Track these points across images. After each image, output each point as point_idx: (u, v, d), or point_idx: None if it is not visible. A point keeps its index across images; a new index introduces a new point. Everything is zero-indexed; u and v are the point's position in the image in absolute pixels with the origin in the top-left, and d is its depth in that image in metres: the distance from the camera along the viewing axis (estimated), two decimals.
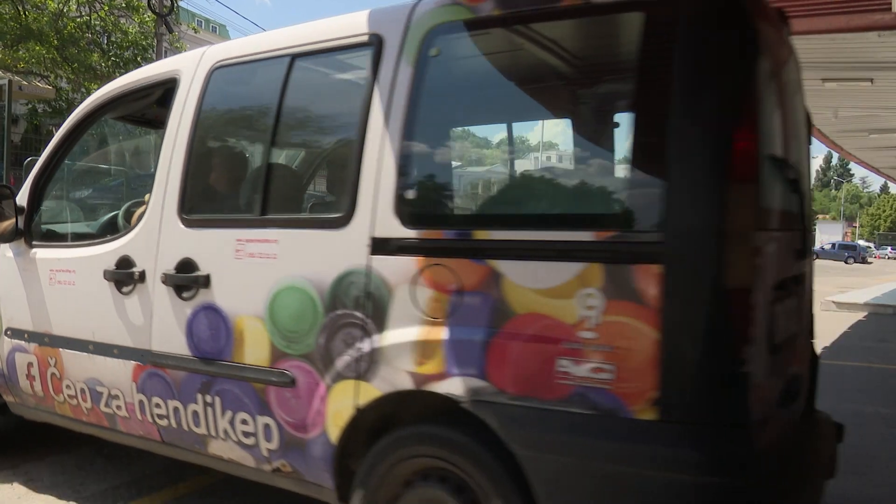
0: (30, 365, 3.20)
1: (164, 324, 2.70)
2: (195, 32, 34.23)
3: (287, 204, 2.74)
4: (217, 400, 2.57)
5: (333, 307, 2.28)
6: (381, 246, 2.20)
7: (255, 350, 2.46)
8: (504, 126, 2.92)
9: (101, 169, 4.88)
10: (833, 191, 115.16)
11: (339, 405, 2.26)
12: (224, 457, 2.66)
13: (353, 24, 2.45)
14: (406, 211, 2.19)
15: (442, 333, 2.07)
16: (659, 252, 1.78)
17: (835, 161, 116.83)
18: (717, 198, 1.77)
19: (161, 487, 3.30)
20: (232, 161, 2.95)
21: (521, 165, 2.49)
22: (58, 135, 3.32)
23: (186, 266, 2.63)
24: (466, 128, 2.77)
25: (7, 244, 3.26)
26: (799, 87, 2.70)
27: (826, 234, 68.34)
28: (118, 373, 2.84)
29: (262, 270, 2.45)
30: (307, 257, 2.37)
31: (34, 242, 3.23)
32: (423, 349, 2.09)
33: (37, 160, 3.42)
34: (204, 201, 2.84)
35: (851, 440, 4.55)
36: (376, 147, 2.25)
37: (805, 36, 8.48)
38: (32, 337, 3.18)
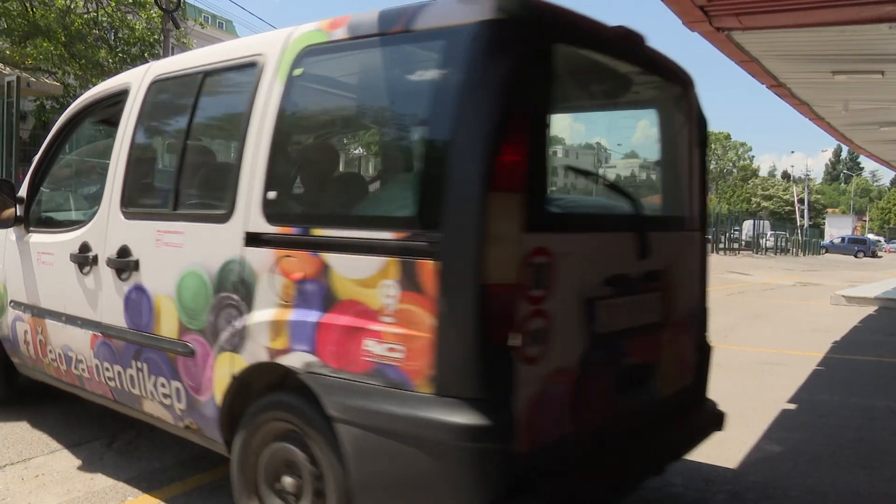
0: (25, 332, 3.78)
1: (109, 300, 3.20)
2: (202, 28, 34.25)
3: (191, 201, 3.07)
4: (145, 366, 3.04)
5: (219, 290, 2.69)
6: (251, 239, 2.58)
7: (167, 324, 2.91)
8: (350, 136, 3.46)
9: (87, 164, 5.35)
10: (843, 184, 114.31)
11: (222, 373, 2.66)
12: (154, 414, 3.11)
13: (247, 46, 2.85)
14: (268, 210, 2.55)
15: (289, 315, 2.43)
16: (437, 251, 2.06)
17: (844, 155, 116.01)
18: (479, 206, 2.02)
19: (171, 481, 3.31)
20: (155, 162, 3.39)
21: (351, 171, 2.93)
22: (49, 135, 3.86)
23: (124, 252, 3.12)
24: (321, 138, 3.18)
25: (11, 229, 3.85)
26: (666, 97, 3.13)
27: (835, 228, 67.95)
28: (81, 341, 3.37)
29: (172, 257, 2.89)
30: (202, 247, 2.78)
31: (31, 228, 3.79)
32: (276, 328, 2.47)
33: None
34: (138, 197, 3.29)
35: (862, 435, 4.54)
36: (251, 154, 2.62)
37: (815, 28, 8.42)
38: (27, 308, 3.75)
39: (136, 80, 3.34)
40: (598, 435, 2.50)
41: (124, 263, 3.10)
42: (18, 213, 3.79)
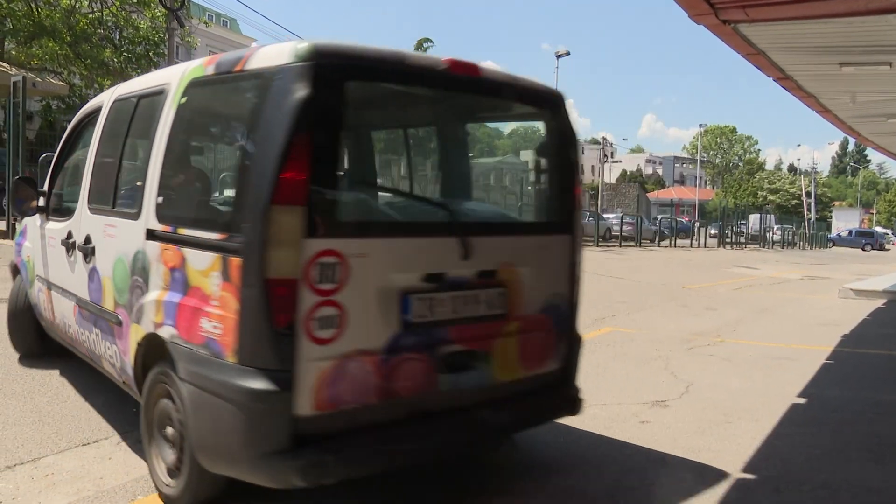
0: (43, 300, 4.66)
1: (80, 277, 3.94)
2: (206, 27, 34.25)
3: (121, 201, 3.66)
4: (99, 332, 3.75)
5: (132, 273, 3.33)
6: (149, 235, 3.20)
7: (108, 299, 3.60)
8: (210, 153, 4.35)
9: (82, 163, 6.48)
10: (849, 177, 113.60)
11: (132, 340, 3.30)
12: (109, 371, 3.78)
13: (162, 76, 3.50)
14: (158, 211, 3.18)
15: (165, 296, 3.03)
16: (241, 250, 2.60)
17: (851, 147, 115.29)
18: (265, 216, 2.52)
19: None
20: (107, 168, 3.94)
21: (203, 181, 3.61)
22: (62, 139, 4.77)
23: (87, 240, 3.88)
24: (190, 154, 3.70)
25: (36, 216, 4.73)
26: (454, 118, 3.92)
27: (843, 221, 67.51)
28: (69, 309, 4.15)
29: (111, 245, 3.59)
30: (125, 239, 3.42)
31: (49, 217, 4.60)
32: (157, 306, 3.07)
33: (52, 156, 4.86)
34: (97, 196, 3.94)
35: (873, 429, 4.51)
36: (152, 165, 3.25)
37: (822, 20, 8.36)
38: (43, 281, 4.62)
39: (105, 99, 4.15)
40: (415, 407, 2.91)
41: (88, 249, 3.85)
42: (40, 204, 4.63)
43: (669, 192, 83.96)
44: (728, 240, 37.77)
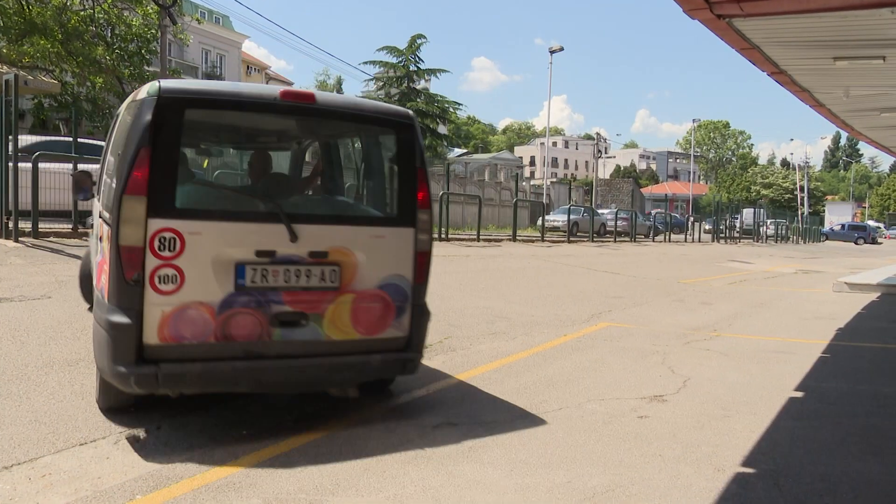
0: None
1: (99, 248, 4.39)
2: (199, 24, 34.09)
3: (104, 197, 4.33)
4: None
5: (96, 240, 4.47)
6: (101, 216, 4.15)
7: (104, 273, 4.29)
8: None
9: None
10: (842, 171, 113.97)
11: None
12: None
13: (133, 94, 4.36)
14: (101, 197, 4.34)
15: (97, 257, 4.29)
16: (111, 225, 3.64)
17: (843, 142, 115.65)
18: (118, 202, 3.58)
19: (179, 479, 3.29)
20: (104, 164, 4.83)
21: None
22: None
23: (96, 226, 4.72)
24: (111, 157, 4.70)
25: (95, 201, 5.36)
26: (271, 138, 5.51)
27: (835, 215, 67.75)
28: (103, 275, 4.50)
29: (101, 230, 4.18)
30: (99, 224, 4.33)
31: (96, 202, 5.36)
32: (96, 265, 4.31)
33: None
34: (100, 186, 4.75)
35: (871, 422, 4.52)
36: (102, 164, 4.65)
37: (816, 14, 8.36)
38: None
39: (124, 103, 4.68)
40: (250, 350, 3.82)
41: (96, 227, 4.60)
42: (93, 192, 5.21)
43: (663, 187, 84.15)
44: (722, 234, 37.86)
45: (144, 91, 3.76)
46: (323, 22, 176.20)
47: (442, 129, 50.89)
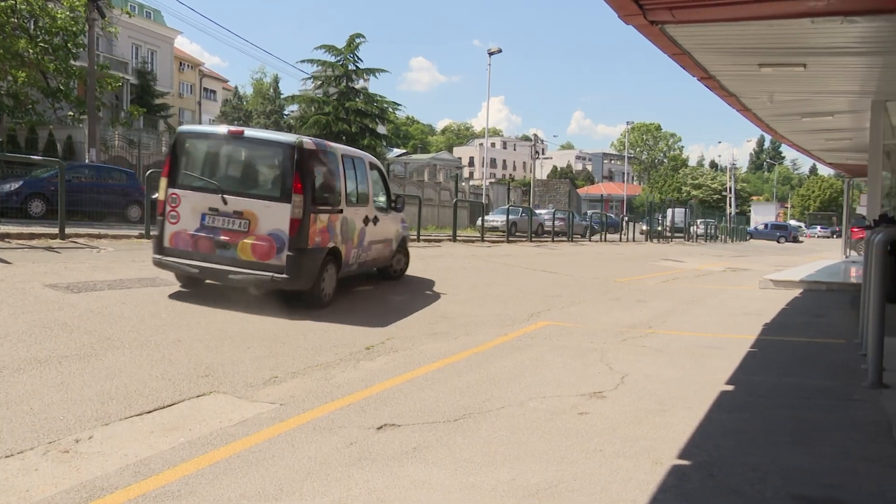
0: None
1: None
2: (129, 17, 32.93)
3: None
4: None
5: None
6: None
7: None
8: None
9: None
10: (766, 173, 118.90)
11: None
12: None
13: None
14: None
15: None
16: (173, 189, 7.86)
17: (767, 144, 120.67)
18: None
19: (113, 489, 3.18)
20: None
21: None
22: None
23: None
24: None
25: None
26: (359, 164, 9.52)
27: (760, 214, 70.62)
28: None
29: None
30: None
31: None
32: None
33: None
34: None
35: (797, 413, 4.73)
36: None
37: (744, 22, 8.69)
38: None
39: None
40: (205, 258, 7.61)
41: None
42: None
43: (599, 187, 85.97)
44: (655, 234, 38.97)
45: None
46: (259, 19, 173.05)
47: (381, 129, 50.65)
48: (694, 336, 7.78)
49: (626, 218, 43.01)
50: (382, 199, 10.36)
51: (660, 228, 39.66)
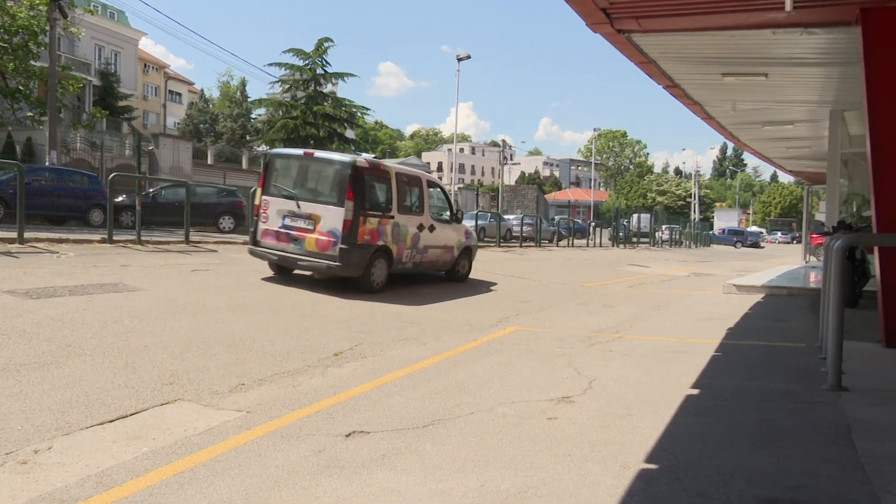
0: None
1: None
2: (92, 14, 32.25)
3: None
4: None
5: None
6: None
7: None
8: None
9: None
10: (728, 179, 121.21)
11: None
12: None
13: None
14: None
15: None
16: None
17: (730, 152, 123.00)
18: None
19: (74, 502, 3.10)
20: None
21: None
22: None
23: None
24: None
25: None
26: (414, 180, 11.84)
27: (723, 220, 72.01)
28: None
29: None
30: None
31: None
32: None
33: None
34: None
35: (760, 416, 4.82)
36: None
37: (708, 32, 8.85)
38: None
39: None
40: (283, 251, 10.14)
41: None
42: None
43: (566, 193, 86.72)
44: (621, 239, 39.44)
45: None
46: (226, 21, 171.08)
47: (350, 134, 50.46)
48: (660, 340, 7.88)
49: (593, 223, 43.46)
50: (445, 213, 12.60)
51: (623, 234, 40.13)
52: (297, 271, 10.84)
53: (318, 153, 10.81)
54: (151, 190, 20.55)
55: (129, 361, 5.41)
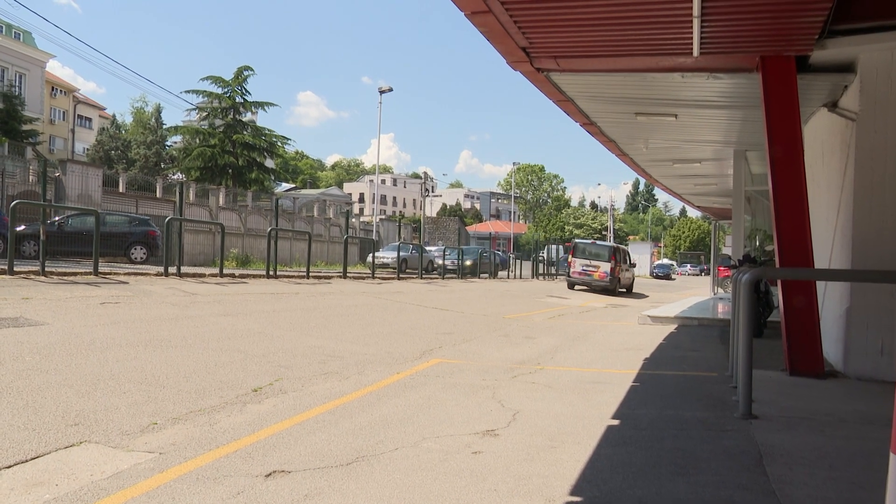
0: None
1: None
2: None
3: None
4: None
5: None
6: (568, 259, 29.26)
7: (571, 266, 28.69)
8: None
9: None
10: (641, 214, 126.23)
11: None
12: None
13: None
14: None
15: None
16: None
17: (641, 187, 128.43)
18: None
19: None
20: None
21: None
22: None
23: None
24: None
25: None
26: (626, 250, 30.34)
27: (636, 253, 74.63)
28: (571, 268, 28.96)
29: (570, 259, 28.84)
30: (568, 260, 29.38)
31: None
32: None
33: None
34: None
35: (677, 444, 4.96)
36: None
37: (622, 73, 9.26)
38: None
39: None
40: (585, 280, 27.58)
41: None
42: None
43: (487, 225, 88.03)
44: (540, 272, 40.25)
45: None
46: (141, 46, 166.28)
47: (269, 163, 49.72)
48: (580, 371, 8.03)
49: (513, 255, 44.19)
50: (628, 265, 28.36)
51: (544, 266, 41.01)
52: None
53: (599, 241, 23.98)
54: (58, 218, 19.54)
55: (29, 401, 5.06)
